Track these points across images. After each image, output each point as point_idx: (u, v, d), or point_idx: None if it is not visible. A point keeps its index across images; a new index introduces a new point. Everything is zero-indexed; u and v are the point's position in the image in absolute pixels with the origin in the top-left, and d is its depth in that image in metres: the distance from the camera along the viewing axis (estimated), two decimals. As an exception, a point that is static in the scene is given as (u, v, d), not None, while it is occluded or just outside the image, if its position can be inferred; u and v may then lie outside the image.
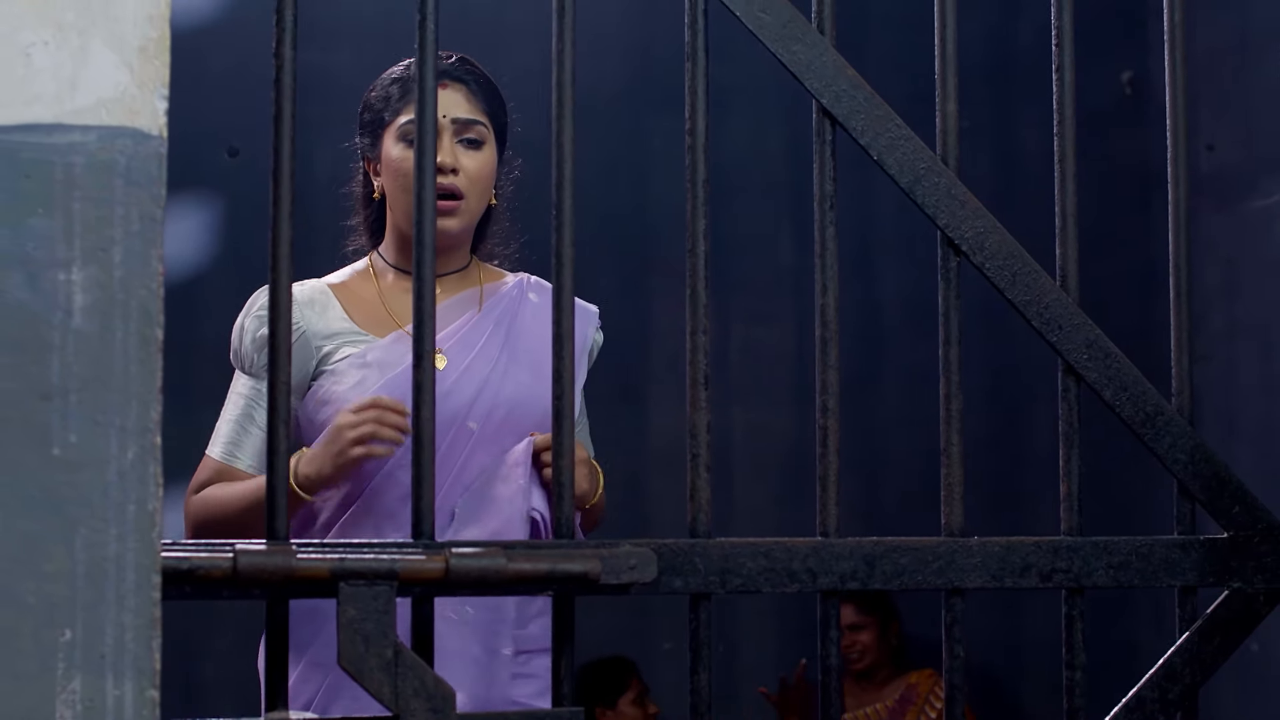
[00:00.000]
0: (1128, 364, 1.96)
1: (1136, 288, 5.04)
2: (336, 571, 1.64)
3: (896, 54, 4.81)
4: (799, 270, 5.07)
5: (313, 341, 2.49)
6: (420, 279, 1.78)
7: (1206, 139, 4.71)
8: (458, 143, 2.50)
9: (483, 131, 2.52)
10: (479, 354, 2.49)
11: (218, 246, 4.68)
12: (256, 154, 4.71)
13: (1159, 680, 1.95)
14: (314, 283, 2.56)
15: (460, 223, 2.51)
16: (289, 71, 1.75)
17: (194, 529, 2.49)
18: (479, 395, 2.46)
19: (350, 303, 2.53)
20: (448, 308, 2.52)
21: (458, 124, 2.50)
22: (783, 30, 1.89)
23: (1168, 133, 2.02)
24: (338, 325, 2.50)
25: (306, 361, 2.49)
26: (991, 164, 5.11)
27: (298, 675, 2.40)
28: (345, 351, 2.47)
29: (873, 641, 4.78)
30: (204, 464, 2.52)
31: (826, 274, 1.90)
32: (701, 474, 1.84)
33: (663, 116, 4.96)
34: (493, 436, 2.45)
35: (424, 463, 1.77)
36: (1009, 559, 1.91)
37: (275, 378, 1.73)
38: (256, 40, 4.59)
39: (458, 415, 2.44)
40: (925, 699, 4.78)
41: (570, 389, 1.82)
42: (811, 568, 1.85)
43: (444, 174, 2.47)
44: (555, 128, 1.84)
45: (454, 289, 2.56)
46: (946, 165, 1.93)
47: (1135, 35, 5.10)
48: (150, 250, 1.52)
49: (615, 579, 1.75)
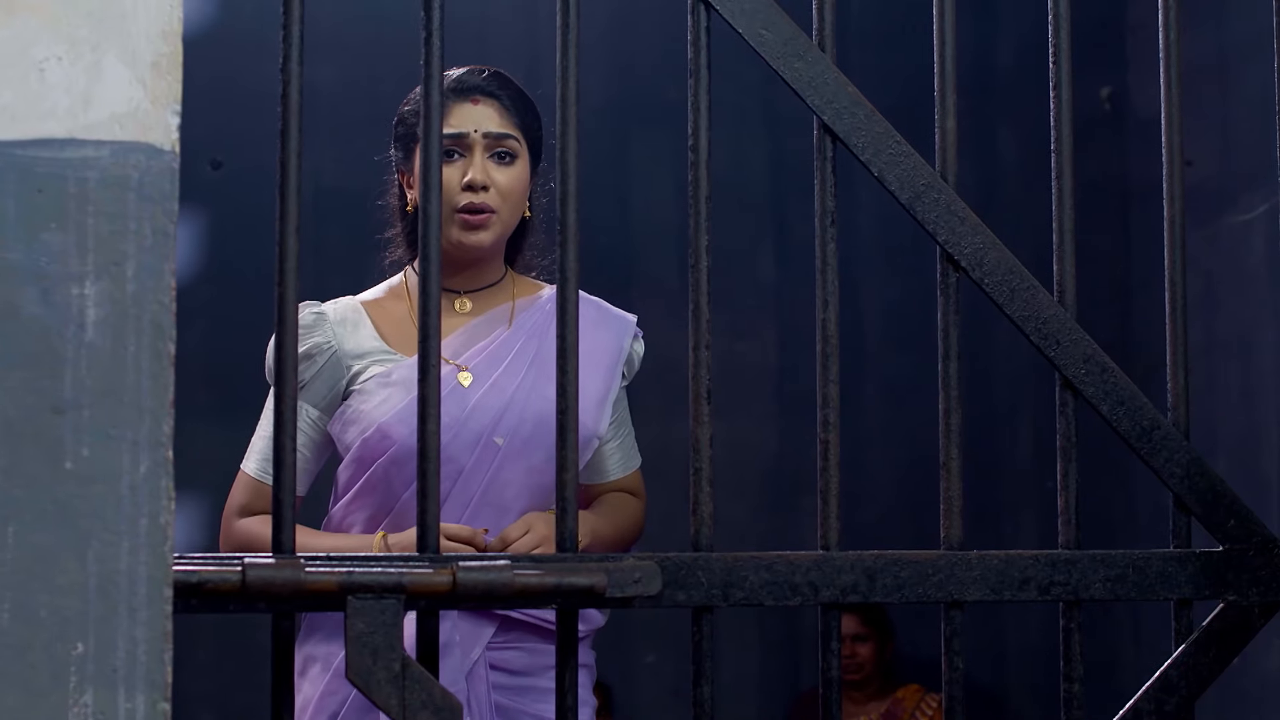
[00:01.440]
0: (1124, 379, 1.97)
1: (1114, 302, 5.07)
2: (345, 585, 1.65)
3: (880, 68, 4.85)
4: (779, 285, 5.09)
5: (344, 360, 2.50)
6: (425, 293, 1.79)
7: (1185, 154, 4.73)
8: (489, 157, 2.51)
9: (515, 146, 2.53)
10: (506, 370, 2.49)
11: (201, 259, 4.68)
12: (239, 167, 4.73)
13: (1155, 693, 1.96)
14: (347, 300, 2.57)
15: (491, 236, 2.51)
16: (295, 88, 1.75)
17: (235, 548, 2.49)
18: (505, 411, 2.47)
19: (382, 321, 2.54)
20: (477, 325, 2.53)
21: (489, 139, 2.51)
22: (784, 47, 1.90)
23: (1163, 149, 2.04)
24: (368, 344, 2.51)
25: (338, 380, 2.50)
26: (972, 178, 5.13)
27: (324, 687, 2.41)
28: (373, 371, 2.48)
29: (871, 654, 4.84)
30: (239, 480, 2.52)
31: (827, 289, 1.91)
32: (704, 487, 1.85)
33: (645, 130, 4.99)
34: (520, 452, 2.46)
35: (429, 476, 1.77)
36: (1008, 572, 1.92)
37: (281, 391, 1.74)
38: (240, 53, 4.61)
39: (483, 431, 2.45)
40: (911, 714, 4.81)
41: (574, 403, 1.83)
42: (813, 581, 1.86)
43: (475, 191, 2.48)
44: (560, 144, 1.85)
45: (486, 305, 2.57)
46: (945, 181, 1.95)
47: (1114, 50, 5.14)
48: (163, 265, 1.52)
49: (620, 592, 1.76)
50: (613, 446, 2.62)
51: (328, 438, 2.51)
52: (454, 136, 2.50)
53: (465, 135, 2.50)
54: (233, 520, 2.50)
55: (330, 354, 2.49)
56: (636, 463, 2.65)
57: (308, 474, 2.53)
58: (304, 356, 2.49)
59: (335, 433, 2.50)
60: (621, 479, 2.63)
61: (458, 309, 2.56)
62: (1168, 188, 2.03)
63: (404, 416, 2.38)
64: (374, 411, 2.45)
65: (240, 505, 2.50)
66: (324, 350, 2.49)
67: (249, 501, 2.49)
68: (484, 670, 2.43)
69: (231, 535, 2.49)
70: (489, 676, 2.43)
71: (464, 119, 2.51)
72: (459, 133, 2.50)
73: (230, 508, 2.51)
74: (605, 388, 2.55)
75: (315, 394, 2.50)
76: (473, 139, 2.50)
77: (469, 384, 2.47)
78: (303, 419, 2.50)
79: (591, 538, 2.44)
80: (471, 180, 2.48)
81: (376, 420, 2.43)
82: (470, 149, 2.50)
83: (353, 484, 2.47)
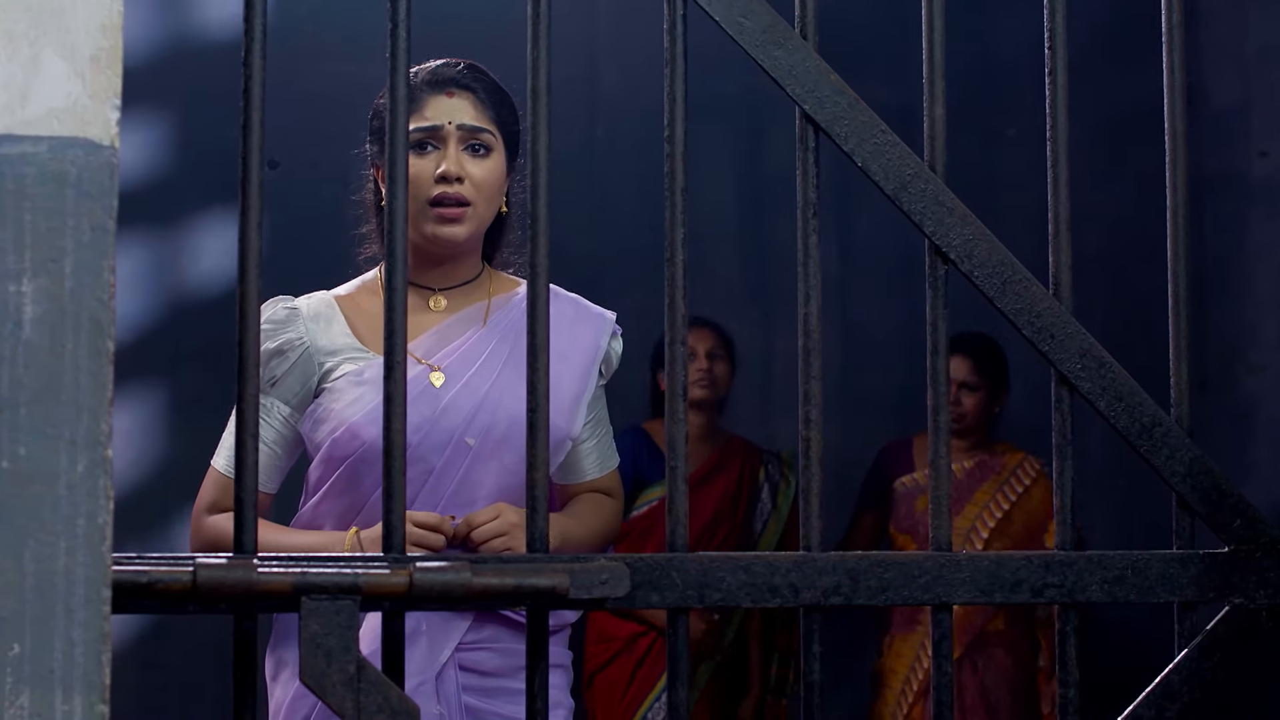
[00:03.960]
0: (1123, 373, 1.91)
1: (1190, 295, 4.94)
2: (299, 586, 1.62)
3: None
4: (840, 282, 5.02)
5: (315, 357, 2.47)
6: (391, 288, 1.76)
7: (1259, 144, 4.62)
8: (464, 150, 2.48)
9: (489, 139, 2.49)
10: (479, 370, 2.46)
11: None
12: (296, 166, 4.73)
13: (1156, 699, 1.90)
14: (321, 295, 2.54)
15: (467, 229, 2.48)
16: (258, 82, 1.73)
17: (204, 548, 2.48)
18: (478, 411, 2.43)
19: (355, 317, 2.51)
20: (451, 325, 2.49)
21: (464, 131, 2.48)
22: (763, 35, 1.86)
23: (1165, 135, 1.97)
24: (340, 341, 2.48)
25: (309, 377, 2.47)
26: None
27: (295, 691, 2.38)
28: (345, 368, 2.45)
29: (977, 406, 4.54)
30: (209, 477, 2.51)
31: (809, 283, 1.86)
32: (679, 487, 1.81)
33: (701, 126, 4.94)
34: (492, 453, 2.42)
35: (394, 475, 1.74)
36: (999, 574, 1.86)
37: (243, 389, 1.71)
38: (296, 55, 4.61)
39: (455, 432, 2.42)
40: (1011, 473, 4.54)
41: (544, 400, 1.80)
42: (794, 582, 1.82)
43: (449, 182, 2.44)
44: (531, 135, 1.81)
45: (461, 303, 2.53)
46: (934, 172, 1.89)
47: (1188, 39, 5.02)
48: (101, 261, 1.50)
49: (586, 594, 1.72)
50: (589, 446, 2.58)
51: (299, 435, 2.49)
52: (428, 129, 2.47)
53: (439, 127, 2.47)
54: (202, 518, 2.48)
55: (303, 350, 2.46)
56: (614, 463, 2.61)
57: (278, 471, 2.51)
58: (276, 352, 2.47)
59: (305, 431, 2.47)
60: (597, 479, 2.59)
61: (432, 307, 2.52)
62: (1170, 175, 1.96)
63: (374, 416, 2.35)
64: (344, 411, 2.42)
65: (210, 502, 2.48)
66: (296, 346, 2.47)
67: (218, 498, 2.47)
68: (454, 671, 2.40)
69: (200, 533, 2.47)
70: (459, 678, 2.40)
71: (438, 111, 2.48)
72: (433, 125, 2.47)
73: (199, 505, 2.49)
74: (581, 387, 2.51)
75: (287, 390, 2.48)
76: (447, 131, 2.47)
77: (441, 384, 2.44)
78: (274, 416, 2.48)
79: (561, 540, 2.40)
80: (445, 171, 2.44)
81: (347, 420, 2.41)
82: (444, 141, 2.47)
83: (323, 483, 2.44)
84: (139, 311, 4.43)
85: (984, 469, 4.54)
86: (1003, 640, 4.46)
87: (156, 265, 4.64)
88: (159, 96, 4.71)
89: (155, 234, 4.65)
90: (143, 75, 4.66)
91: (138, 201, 4.63)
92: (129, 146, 4.65)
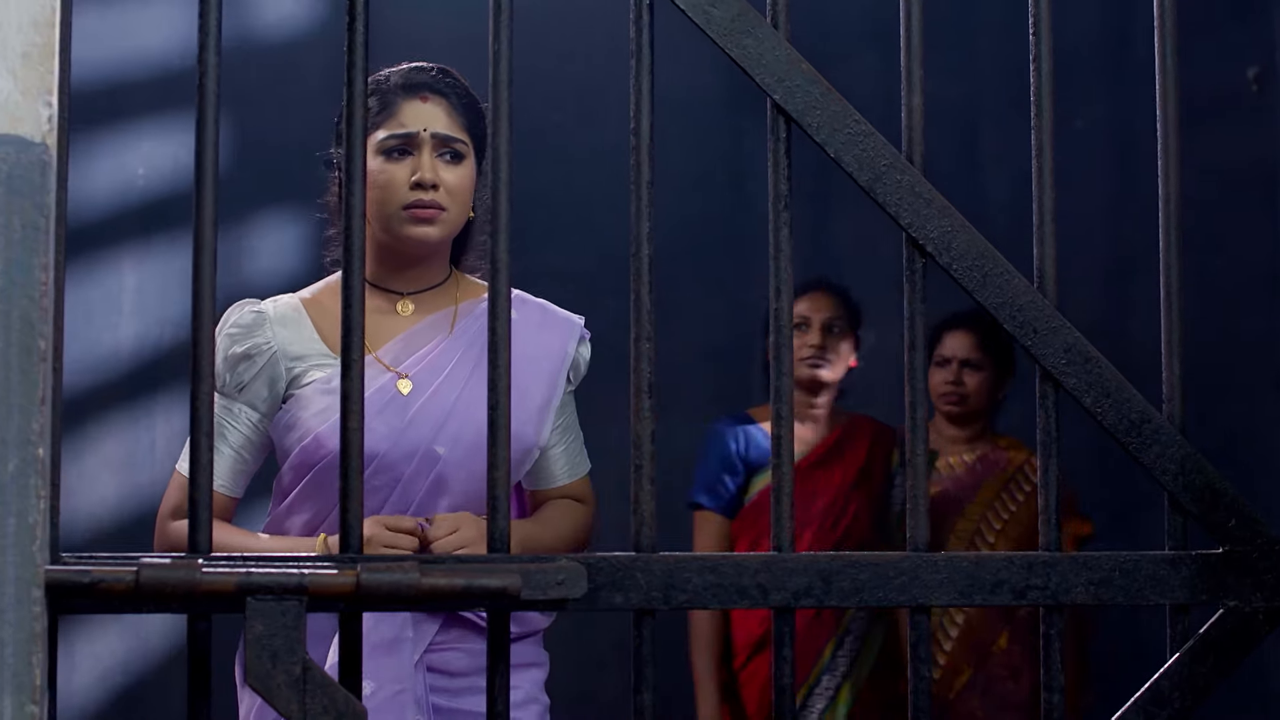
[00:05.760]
0: (1110, 368, 1.85)
1: (1264, 287, 4.84)
2: (243, 586, 1.60)
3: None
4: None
5: (283, 362, 2.45)
6: (348, 287, 1.74)
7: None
8: (438, 157, 2.46)
9: (462, 147, 2.48)
10: (447, 379, 2.43)
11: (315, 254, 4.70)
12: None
13: (1144, 704, 1.84)
14: (287, 299, 2.52)
15: (440, 232, 2.46)
16: (213, 77, 1.72)
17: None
18: (446, 420, 2.41)
19: (322, 320, 2.49)
20: (418, 332, 2.47)
21: (438, 139, 2.46)
22: (732, 24, 1.82)
23: (1158, 123, 1.90)
24: (307, 346, 2.46)
25: (277, 381, 2.45)
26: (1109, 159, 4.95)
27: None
28: (313, 375, 2.43)
29: (981, 386, 4.10)
30: (174, 481, 2.48)
31: (780, 277, 1.82)
32: (645, 486, 1.77)
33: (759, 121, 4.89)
34: (461, 461, 2.39)
35: (351, 476, 1.72)
36: (978, 575, 1.81)
37: (197, 390, 1.70)
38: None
39: (423, 440, 2.39)
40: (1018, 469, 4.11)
41: (505, 400, 1.77)
42: (762, 583, 1.77)
43: (425, 189, 2.43)
44: (492, 128, 1.79)
45: (428, 309, 2.51)
46: (911, 162, 1.84)
47: (1261, 29, 4.91)
48: (33, 259, 1.49)
49: (541, 594, 1.69)
50: (558, 452, 2.55)
51: (268, 439, 2.47)
52: (403, 136, 2.46)
53: (414, 134, 2.46)
54: (166, 523, 2.46)
55: (270, 354, 2.44)
56: (584, 469, 2.58)
57: (245, 475, 2.49)
58: (244, 357, 2.45)
59: (276, 437, 2.45)
60: (567, 485, 2.56)
61: (399, 311, 2.50)
62: (1162, 165, 1.89)
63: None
64: (311, 420, 2.40)
65: (173, 506, 2.46)
66: (264, 350, 2.45)
67: (181, 502, 2.44)
68: (422, 672, 2.38)
69: (165, 537, 2.45)
70: (426, 679, 2.38)
71: (414, 117, 2.46)
72: (408, 132, 2.46)
73: (163, 510, 2.47)
74: (549, 393, 2.48)
75: (255, 395, 2.45)
76: (421, 138, 2.46)
77: (409, 392, 2.42)
78: (242, 420, 2.45)
79: (524, 543, 2.37)
80: (421, 179, 2.43)
81: (314, 429, 2.39)
82: (419, 147, 2.46)
83: (291, 489, 2.43)
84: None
85: (987, 464, 4.14)
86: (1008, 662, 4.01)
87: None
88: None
89: (212, 234, 4.67)
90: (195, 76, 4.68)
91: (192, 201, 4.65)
92: (185, 148, 4.67)
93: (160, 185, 4.64)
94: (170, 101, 4.64)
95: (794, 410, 3.59)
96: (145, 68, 4.62)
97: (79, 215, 4.60)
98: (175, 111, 4.60)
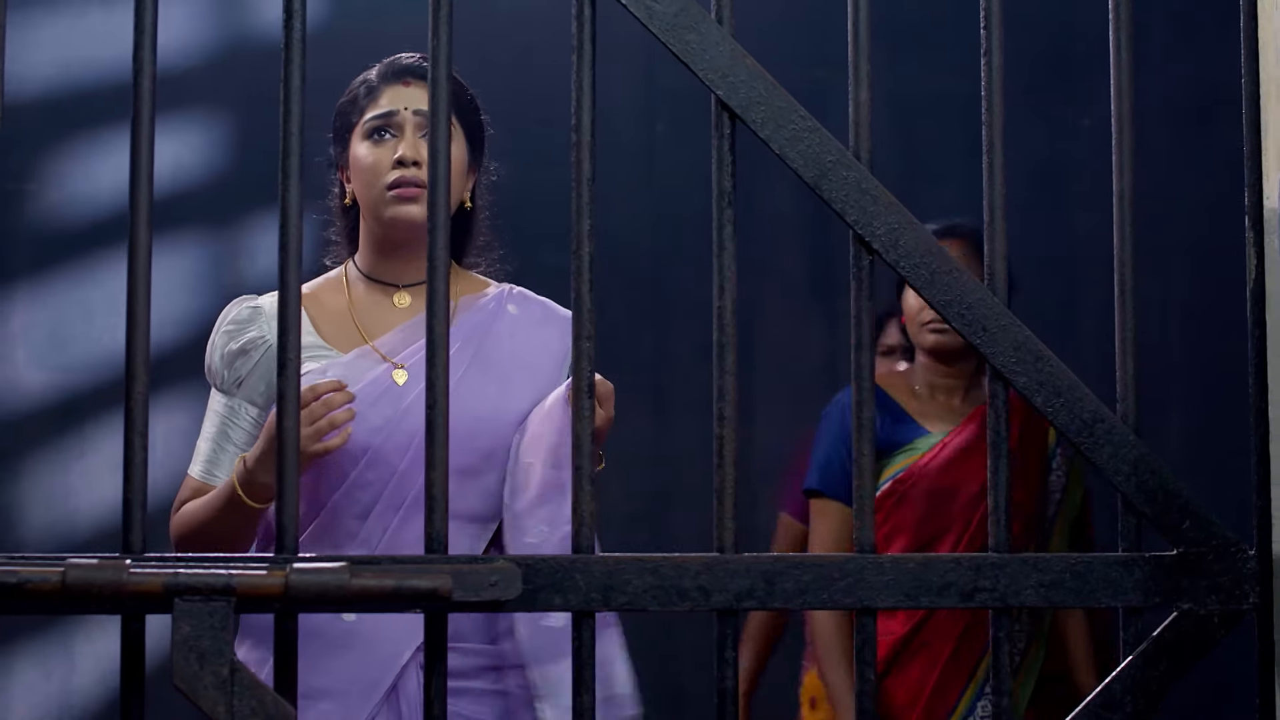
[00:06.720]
0: (1061, 367, 1.82)
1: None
2: (170, 586, 1.59)
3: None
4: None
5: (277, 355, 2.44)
6: (284, 285, 1.73)
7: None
8: (421, 136, 2.44)
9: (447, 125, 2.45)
10: None
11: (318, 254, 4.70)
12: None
13: (1096, 709, 1.80)
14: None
15: (423, 210, 2.42)
16: (147, 75, 1.71)
17: (176, 546, 2.47)
18: None
19: (318, 314, 2.48)
20: (416, 323, 2.44)
21: (420, 116, 2.44)
22: (675, 19, 1.80)
23: (1112, 119, 1.88)
24: (303, 339, 2.44)
25: (272, 374, 2.44)
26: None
27: None
28: (308, 366, 2.42)
29: None
30: (185, 484, 2.48)
31: (724, 275, 1.81)
32: (585, 486, 1.75)
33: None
34: (456, 452, 2.36)
35: (287, 475, 1.71)
36: (925, 577, 1.78)
37: (131, 388, 1.70)
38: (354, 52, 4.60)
39: (418, 432, 2.37)
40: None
41: (444, 397, 1.76)
42: (704, 585, 1.75)
43: (407, 167, 2.41)
44: (431, 125, 1.78)
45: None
46: (859, 159, 1.82)
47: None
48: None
49: (474, 596, 1.67)
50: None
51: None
52: (384, 115, 2.44)
53: (395, 113, 2.44)
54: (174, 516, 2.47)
55: (265, 348, 2.43)
56: None
57: None
58: (240, 352, 2.44)
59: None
60: None
61: (396, 304, 2.48)
62: (1116, 160, 1.87)
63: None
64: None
65: (181, 503, 2.46)
66: (259, 345, 2.44)
67: (186, 500, 2.45)
68: (415, 670, 2.36)
69: (172, 529, 2.46)
70: (419, 677, 2.36)
71: (394, 98, 2.45)
72: (389, 110, 2.44)
73: (174, 509, 2.47)
74: (546, 389, 2.44)
75: (253, 390, 2.45)
76: (403, 117, 2.44)
77: (404, 382, 2.40)
78: (242, 417, 2.45)
79: None
80: (402, 156, 2.41)
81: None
82: (401, 128, 2.44)
83: None
84: (197, 311, 4.44)
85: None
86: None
87: (213, 265, 4.66)
88: (215, 98, 4.73)
89: (212, 234, 4.67)
90: (199, 77, 4.69)
91: (194, 202, 4.66)
92: (185, 147, 4.68)
93: (159, 185, 4.62)
94: (169, 101, 4.62)
95: (928, 388, 3.45)
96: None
97: (79, 215, 4.61)
98: (174, 111, 4.61)
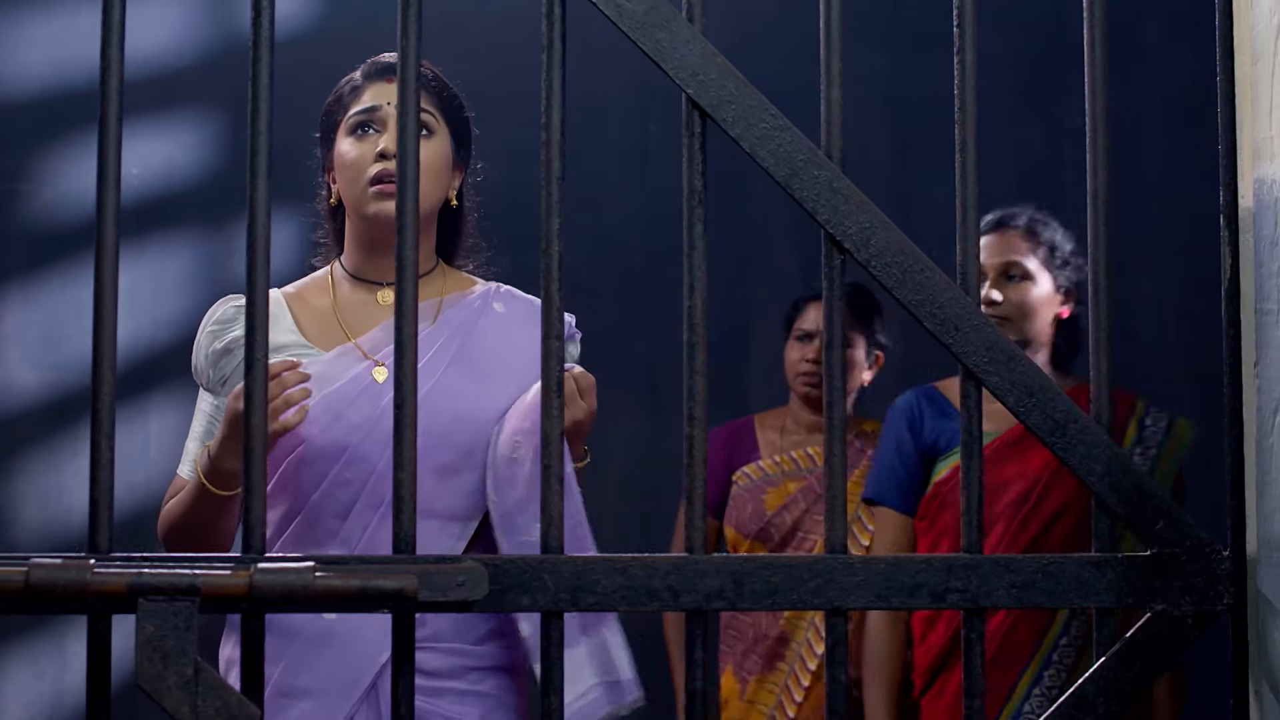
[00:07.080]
0: (1033, 367, 1.81)
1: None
2: (134, 586, 1.59)
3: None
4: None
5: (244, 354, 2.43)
6: (252, 284, 1.73)
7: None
8: None
9: (430, 121, 2.44)
10: (424, 367, 2.40)
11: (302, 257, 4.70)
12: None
13: (1069, 709, 1.80)
14: (270, 292, 2.50)
15: None
16: (115, 74, 1.70)
17: (163, 543, 2.47)
18: (419, 409, 2.37)
19: (303, 313, 2.47)
20: None
21: None
22: (645, 18, 1.79)
23: (1086, 116, 1.87)
24: (286, 338, 2.44)
25: None
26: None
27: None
28: None
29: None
30: (173, 484, 2.48)
31: (694, 274, 1.80)
32: (553, 486, 1.75)
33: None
34: (434, 451, 2.36)
35: (254, 472, 1.71)
36: (896, 577, 1.78)
37: (98, 389, 1.70)
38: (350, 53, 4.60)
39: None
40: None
41: (412, 397, 1.75)
42: (673, 585, 1.75)
43: (389, 159, 2.40)
44: (399, 125, 1.77)
45: None
46: (830, 158, 1.81)
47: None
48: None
49: (441, 596, 1.67)
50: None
51: None
52: (366, 110, 2.44)
53: (378, 108, 2.44)
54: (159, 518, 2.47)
55: None
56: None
57: None
58: (224, 351, 2.44)
59: None
60: None
61: (380, 301, 2.47)
62: (1090, 160, 1.86)
63: (315, 415, 2.32)
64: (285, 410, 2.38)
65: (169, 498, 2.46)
66: (241, 343, 2.44)
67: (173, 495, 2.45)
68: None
69: (158, 528, 2.45)
70: None
71: (377, 94, 2.45)
72: (371, 106, 2.44)
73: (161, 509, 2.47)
74: (529, 387, 2.41)
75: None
76: (385, 112, 2.43)
77: (384, 380, 2.39)
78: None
79: None
80: (385, 149, 2.40)
81: (289, 417, 2.36)
82: (384, 123, 2.43)
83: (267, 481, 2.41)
84: (190, 310, 4.43)
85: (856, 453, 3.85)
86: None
87: (207, 265, 4.66)
88: (210, 97, 4.73)
89: (207, 233, 4.67)
90: (194, 76, 4.69)
91: (190, 201, 4.66)
92: (179, 147, 4.68)
93: (154, 184, 4.65)
94: (163, 101, 4.65)
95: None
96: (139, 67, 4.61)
97: (73, 215, 4.62)
98: (169, 111, 4.61)
